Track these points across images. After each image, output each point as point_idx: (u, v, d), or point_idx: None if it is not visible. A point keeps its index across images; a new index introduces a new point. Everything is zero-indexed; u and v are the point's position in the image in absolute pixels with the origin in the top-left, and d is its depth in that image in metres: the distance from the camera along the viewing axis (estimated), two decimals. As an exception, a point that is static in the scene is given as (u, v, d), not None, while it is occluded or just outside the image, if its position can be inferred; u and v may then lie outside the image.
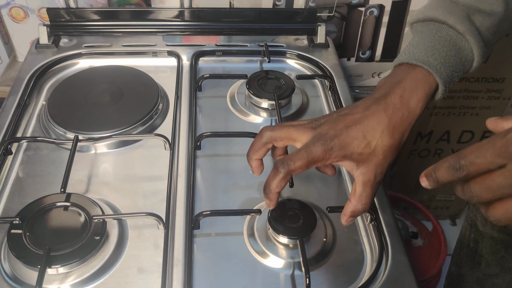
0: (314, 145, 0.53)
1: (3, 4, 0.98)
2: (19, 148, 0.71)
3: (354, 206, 0.55)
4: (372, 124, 0.53)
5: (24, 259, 0.54)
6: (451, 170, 0.41)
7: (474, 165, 0.40)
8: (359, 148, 0.53)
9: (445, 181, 0.43)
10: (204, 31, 0.92)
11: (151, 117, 0.74)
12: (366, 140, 0.53)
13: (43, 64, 0.83)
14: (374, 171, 0.53)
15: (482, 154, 0.39)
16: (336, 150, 0.52)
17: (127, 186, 0.67)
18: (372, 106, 0.55)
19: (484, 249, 0.88)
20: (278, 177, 0.53)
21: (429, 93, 0.57)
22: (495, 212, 0.42)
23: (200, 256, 0.59)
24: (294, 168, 0.52)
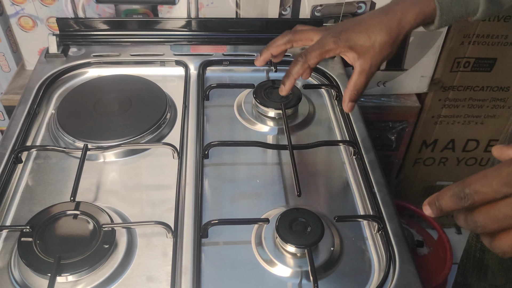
0: (326, 37, 0.67)
1: (12, 13, 0.99)
2: (29, 157, 0.72)
3: (350, 91, 0.69)
4: (373, 23, 0.66)
5: (35, 267, 0.55)
6: (455, 199, 0.40)
7: (479, 194, 0.39)
8: (361, 41, 0.66)
9: (449, 210, 0.42)
10: (211, 41, 0.93)
11: (159, 126, 0.75)
12: (367, 34, 0.66)
13: (52, 73, 0.84)
14: (370, 62, 0.67)
15: (488, 183, 0.38)
16: (343, 41, 0.66)
17: (135, 194, 0.68)
18: (376, 12, 0.69)
19: (490, 259, 0.88)
20: (298, 65, 0.68)
21: (426, 12, 0.67)
22: (500, 244, 0.41)
23: (208, 265, 0.59)
24: (310, 57, 0.67)
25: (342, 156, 0.75)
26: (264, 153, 0.75)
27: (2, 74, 1.11)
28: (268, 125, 0.79)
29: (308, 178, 0.71)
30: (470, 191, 0.39)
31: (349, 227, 0.64)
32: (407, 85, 1.16)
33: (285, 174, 0.72)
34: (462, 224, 0.42)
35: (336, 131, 0.79)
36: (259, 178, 0.71)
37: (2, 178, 0.65)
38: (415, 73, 1.14)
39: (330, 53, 0.68)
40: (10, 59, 1.09)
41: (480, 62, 1.15)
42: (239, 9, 0.99)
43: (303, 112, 0.81)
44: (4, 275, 0.57)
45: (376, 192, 0.66)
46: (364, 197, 0.68)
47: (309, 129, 0.79)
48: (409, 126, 1.22)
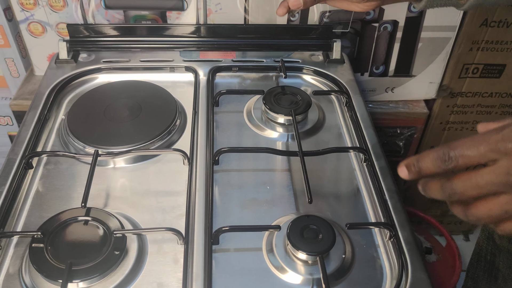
0: None
1: (22, 19, 1.00)
2: (40, 162, 0.72)
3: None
4: None
5: (46, 273, 0.55)
6: (438, 161, 0.40)
7: (464, 157, 0.39)
8: None
9: (428, 173, 0.42)
10: (220, 47, 0.93)
11: (169, 132, 0.75)
12: None
13: (62, 79, 0.84)
14: None
15: (475, 148, 0.39)
16: None
17: (145, 200, 0.68)
18: None
19: (501, 262, 0.87)
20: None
21: None
22: (476, 211, 0.41)
23: (219, 272, 0.59)
24: None
25: (353, 162, 0.75)
26: (273, 159, 0.75)
27: (11, 79, 1.12)
28: (278, 131, 0.79)
29: (318, 184, 0.71)
30: (455, 153, 0.39)
31: (360, 234, 0.64)
32: (416, 91, 1.16)
33: (295, 180, 0.71)
34: (436, 192, 0.42)
35: (346, 137, 0.79)
36: (269, 185, 0.70)
37: (13, 183, 0.65)
38: (423, 79, 1.14)
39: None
40: (19, 64, 1.09)
41: (488, 68, 1.15)
42: (247, 15, 0.99)
43: (313, 118, 0.81)
44: (15, 281, 0.57)
45: (388, 199, 0.66)
46: (375, 204, 0.67)
47: (319, 135, 0.79)
48: (417, 132, 1.21)
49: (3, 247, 0.60)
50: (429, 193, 0.43)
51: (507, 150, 0.38)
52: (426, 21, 1.03)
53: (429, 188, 0.43)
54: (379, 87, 1.14)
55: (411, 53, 1.09)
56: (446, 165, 0.40)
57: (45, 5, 0.98)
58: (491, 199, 0.40)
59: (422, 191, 0.45)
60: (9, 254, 0.60)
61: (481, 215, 0.41)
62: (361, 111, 0.80)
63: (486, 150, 0.38)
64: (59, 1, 0.97)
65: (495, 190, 0.39)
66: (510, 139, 0.38)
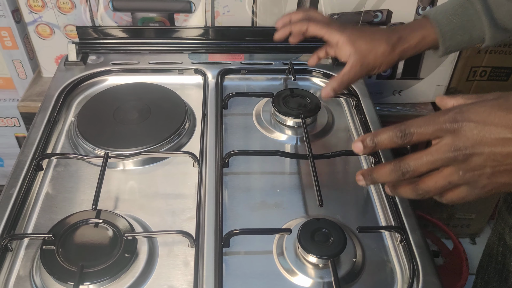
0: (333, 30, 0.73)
1: (30, 21, 1.00)
2: (49, 164, 0.72)
3: (335, 80, 0.72)
4: (377, 32, 0.72)
5: (57, 275, 0.55)
6: (394, 137, 0.46)
7: (417, 134, 0.45)
8: (361, 40, 0.71)
9: (382, 148, 0.48)
10: (228, 49, 0.93)
11: (178, 135, 0.75)
12: (369, 37, 0.71)
13: (71, 81, 0.84)
14: (362, 61, 0.71)
15: (427, 125, 0.45)
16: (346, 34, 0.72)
17: (155, 203, 0.67)
18: (381, 28, 0.76)
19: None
20: None
21: (427, 37, 0.71)
22: (425, 185, 0.47)
23: (229, 274, 0.59)
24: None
25: (362, 165, 0.75)
26: (282, 162, 0.74)
27: (18, 81, 1.12)
28: (287, 133, 0.79)
29: (328, 187, 0.71)
30: (410, 131, 0.45)
31: (371, 238, 0.64)
32: (423, 94, 1.16)
33: (304, 183, 0.71)
34: (388, 173, 0.47)
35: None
36: (279, 187, 0.70)
37: (23, 185, 0.66)
38: (431, 82, 1.14)
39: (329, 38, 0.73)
40: (26, 66, 1.10)
41: (496, 71, 1.15)
42: (255, 17, 0.99)
43: (322, 122, 0.81)
44: (26, 283, 0.57)
45: (398, 202, 0.66)
46: (385, 208, 0.67)
47: (328, 138, 0.79)
48: (424, 135, 1.21)
49: (14, 249, 0.60)
50: (380, 176, 0.48)
51: (451, 128, 0.44)
52: (434, 23, 1.03)
53: (379, 172, 0.48)
54: (387, 89, 1.14)
55: (419, 55, 1.09)
56: (401, 140, 0.46)
57: (53, 7, 0.98)
58: (436, 173, 0.46)
59: (370, 179, 0.50)
60: (20, 256, 0.60)
61: (429, 188, 0.47)
62: (370, 114, 0.80)
63: (435, 129, 0.45)
64: (67, 3, 0.97)
65: (441, 165, 0.45)
66: (455, 120, 0.44)
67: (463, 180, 0.45)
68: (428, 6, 1.00)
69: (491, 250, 0.91)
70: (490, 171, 0.44)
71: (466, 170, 0.45)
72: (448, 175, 0.46)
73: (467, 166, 0.45)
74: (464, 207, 1.45)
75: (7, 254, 0.59)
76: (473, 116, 0.44)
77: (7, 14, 1.00)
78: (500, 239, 0.88)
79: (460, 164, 0.45)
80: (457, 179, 0.45)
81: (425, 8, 1.00)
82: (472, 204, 1.44)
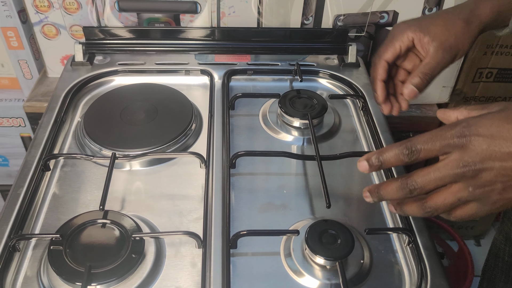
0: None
1: (36, 21, 1.01)
2: (56, 165, 0.72)
3: (416, 73, 0.67)
4: (448, 14, 0.67)
5: (65, 276, 0.55)
6: (400, 155, 0.45)
7: (425, 151, 0.44)
8: (436, 25, 0.66)
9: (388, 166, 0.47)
10: (235, 50, 0.93)
11: (185, 135, 0.75)
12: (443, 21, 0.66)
13: (78, 81, 0.84)
14: (444, 47, 0.65)
15: (433, 141, 0.44)
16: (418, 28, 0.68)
17: (161, 203, 0.67)
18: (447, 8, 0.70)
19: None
20: None
21: (501, 6, 0.66)
22: (433, 203, 0.46)
23: (236, 276, 0.59)
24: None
25: (369, 167, 0.74)
26: (288, 163, 0.74)
27: (24, 81, 1.12)
28: (293, 134, 0.79)
29: (335, 189, 0.70)
30: (417, 148, 0.44)
31: (378, 240, 0.64)
32: (429, 95, 1.15)
33: (311, 184, 0.71)
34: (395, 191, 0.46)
35: (363, 141, 0.79)
36: (285, 189, 0.70)
37: (31, 185, 0.66)
38: (436, 83, 1.13)
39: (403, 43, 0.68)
40: (32, 66, 1.10)
41: (502, 73, 1.14)
42: (261, 17, 0.99)
43: (329, 123, 0.80)
44: (34, 283, 0.57)
45: (406, 204, 0.66)
46: (393, 209, 0.67)
47: (335, 139, 0.79)
48: (430, 136, 1.21)
49: (21, 249, 0.60)
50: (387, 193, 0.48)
51: (459, 144, 0.43)
52: (440, 25, 1.02)
53: (386, 189, 0.48)
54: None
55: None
56: (408, 158, 0.45)
57: (59, 8, 0.98)
58: (444, 190, 0.45)
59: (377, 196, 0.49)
60: (28, 256, 0.60)
61: (438, 205, 0.46)
62: (377, 115, 0.80)
63: (443, 144, 0.44)
64: (73, 4, 0.98)
65: (450, 181, 0.44)
66: (462, 135, 0.43)
67: (473, 196, 0.44)
68: (435, 7, 1.00)
69: (498, 250, 0.91)
70: (501, 187, 0.43)
71: (476, 186, 0.44)
72: (457, 191, 0.44)
73: (477, 182, 0.43)
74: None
75: (15, 254, 0.59)
76: (481, 130, 0.43)
77: (13, 15, 1.01)
78: (507, 238, 0.87)
79: (469, 180, 0.43)
80: (466, 195, 0.44)
81: (431, 9, 1.00)
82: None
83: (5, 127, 1.16)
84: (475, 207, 0.45)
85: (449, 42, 0.66)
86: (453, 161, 0.43)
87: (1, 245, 0.58)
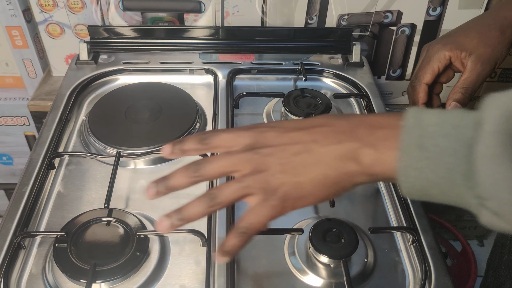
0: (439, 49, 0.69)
1: (41, 20, 1.01)
2: (61, 163, 0.72)
3: (457, 88, 0.68)
4: (477, 23, 0.69)
5: (70, 273, 0.55)
6: (196, 142, 0.47)
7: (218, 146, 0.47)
8: (471, 39, 0.67)
9: (187, 150, 0.47)
10: (239, 49, 0.93)
11: (189, 134, 0.75)
12: (476, 32, 0.67)
13: (83, 80, 0.85)
14: (482, 60, 0.66)
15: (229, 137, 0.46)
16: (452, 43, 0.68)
17: (166, 202, 0.66)
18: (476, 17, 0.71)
19: None
20: None
21: None
22: (216, 190, 0.46)
23: (240, 274, 0.59)
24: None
25: (373, 166, 0.74)
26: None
27: (28, 80, 1.13)
28: (297, 134, 0.79)
29: (339, 188, 0.70)
30: (211, 140, 0.46)
31: (382, 239, 0.64)
32: (432, 95, 1.16)
33: (315, 183, 0.71)
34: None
35: (366, 141, 0.79)
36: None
37: (36, 183, 0.66)
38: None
39: (441, 63, 0.68)
40: (36, 65, 1.10)
41: (506, 73, 1.14)
42: (265, 17, 0.99)
43: (333, 122, 0.80)
44: (39, 280, 0.57)
45: (410, 203, 0.66)
46: (397, 209, 0.67)
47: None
48: (433, 136, 1.20)
49: (26, 247, 0.60)
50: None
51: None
52: (444, 24, 1.02)
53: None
54: (396, 90, 1.14)
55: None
56: (202, 145, 0.46)
57: (64, 7, 0.98)
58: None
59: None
60: (33, 254, 0.60)
61: (222, 191, 0.45)
62: (381, 114, 0.80)
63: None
64: (78, 3, 0.98)
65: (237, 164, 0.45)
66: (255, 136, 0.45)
67: (254, 180, 0.43)
68: (439, 7, 0.99)
69: (502, 245, 0.90)
70: (278, 168, 0.43)
71: (255, 164, 0.43)
72: (241, 177, 0.44)
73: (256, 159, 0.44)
74: (473, 209, 1.44)
75: (20, 252, 0.59)
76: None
77: (18, 14, 1.01)
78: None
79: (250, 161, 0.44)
80: (248, 176, 0.44)
81: (435, 9, 1.00)
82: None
83: (9, 126, 1.16)
84: (257, 199, 0.43)
85: (487, 55, 0.65)
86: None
87: (7, 243, 0.58)
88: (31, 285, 0.57)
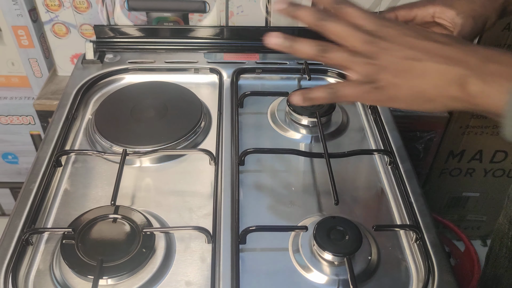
0: None
1: (47, 20, 1.02)
2: (68, 161, 0.73)
3: None
4: None
5: (77, 269, 0.56)
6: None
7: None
8: None
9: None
10: (244, 49, 0.94)
11: (194, 133, 0.76)
12: None
13: (89, 79, 0.86)
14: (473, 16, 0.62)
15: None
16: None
17: (171, 199, 0.68)
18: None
19: None
20: None
21: None
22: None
23: (246, 270, 0.59)
24: None
25: (377, 165, 0.75)
26: (295, 161, 0.75)
27: (34, 79, 1.14)
28: (301, 132, 0.79)
29: (342, 186, 0.71)
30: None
31: (386, 236, 0.64)
32: (436, 94, 1.16)
33: (318, 182, 0.72)
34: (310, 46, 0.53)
35: (370, 140, 0.79)
36: (294, 186, 0.71)
37: (43, 181, 0.67)
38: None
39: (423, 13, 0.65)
40: (42, 64, 1.11)
41: (510, 72, 1.14)
42: (269, 16, 1.00)
43: (337, 121, 0.81)
44: (46, 276, 0.58)
45: (413, 201, 0.66)
46: (400, 207, 0.67)
47: (343, 137, 0.80)
48: (436, 136, 1.21)
49: (34, 243, 0.61)
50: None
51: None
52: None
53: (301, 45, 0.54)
54: (399, 90, 1.14)
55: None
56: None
57: (69, 7, 0.99)
58: None
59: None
60: (40, 250, 0.61)
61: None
62: (385, 113, 0.81)
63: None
64: (84, 3, 0.99)
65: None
66: None
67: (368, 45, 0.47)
68: (442, 7, 1.00)
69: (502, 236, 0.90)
70: (398, 58, 0.45)
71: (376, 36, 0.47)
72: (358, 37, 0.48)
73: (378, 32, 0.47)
74: (476, 209, 1.45)
75: (28, 248, 0.60)
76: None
77: (24, 13, 1.02)
78: (510, 222, 0.87)
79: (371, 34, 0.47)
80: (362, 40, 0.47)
81: (439, 9, 1.00)
82: (483, 206, 1.44)
83: (15, 125, 1.17)
84: (356, 77, 0.48)
85: (477, 11, 0.63)
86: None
87: (15, 239, 0.59)
88: (38, 281, 0.58)
